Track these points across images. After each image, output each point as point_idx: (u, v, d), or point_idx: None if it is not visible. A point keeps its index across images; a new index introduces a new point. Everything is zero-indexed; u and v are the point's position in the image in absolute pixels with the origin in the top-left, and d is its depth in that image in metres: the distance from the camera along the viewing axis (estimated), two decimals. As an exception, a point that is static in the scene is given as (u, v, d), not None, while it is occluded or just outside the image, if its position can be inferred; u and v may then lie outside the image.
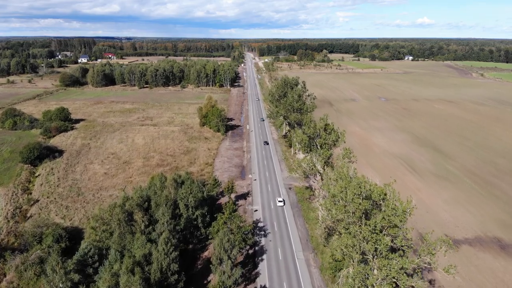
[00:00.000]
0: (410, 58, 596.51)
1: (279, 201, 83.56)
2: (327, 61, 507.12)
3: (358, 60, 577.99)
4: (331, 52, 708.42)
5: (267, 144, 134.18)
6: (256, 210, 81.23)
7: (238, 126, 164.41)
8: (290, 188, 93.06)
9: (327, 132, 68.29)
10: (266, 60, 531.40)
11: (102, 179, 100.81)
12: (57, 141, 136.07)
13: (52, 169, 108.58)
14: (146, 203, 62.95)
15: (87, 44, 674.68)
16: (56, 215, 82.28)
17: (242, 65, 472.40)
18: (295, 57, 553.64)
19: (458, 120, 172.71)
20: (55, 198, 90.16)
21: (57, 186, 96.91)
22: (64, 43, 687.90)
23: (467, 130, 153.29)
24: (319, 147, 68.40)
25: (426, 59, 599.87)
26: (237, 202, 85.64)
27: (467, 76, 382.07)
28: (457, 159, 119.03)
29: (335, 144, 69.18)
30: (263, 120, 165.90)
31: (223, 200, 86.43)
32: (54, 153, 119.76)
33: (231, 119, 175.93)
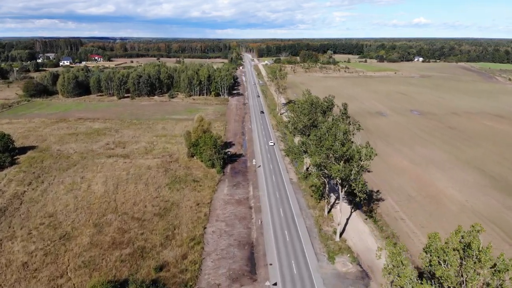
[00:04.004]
0: (420, 59, 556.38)
1: None
2: (333, 62, 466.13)
3: (365, 61, 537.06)
4: (333, 52, 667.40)
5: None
6: None
7: (240, 155, 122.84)
8: (341, 310, 51.46)
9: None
10: (266, 62, 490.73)
11: (14, 280, 58.69)
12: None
13: None
14: None
15: (74, 45, 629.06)
16: None
17: (241, 67, 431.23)
18: (298, 59, 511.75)
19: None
20: None
21: None
22: (50, 44, 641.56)
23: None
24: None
25: (437, 61, 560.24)
26: None
27: (493, 81, 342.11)
28: None
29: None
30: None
31: None
32: (-40, 215, 77.78)
33: (231, 144, 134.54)
